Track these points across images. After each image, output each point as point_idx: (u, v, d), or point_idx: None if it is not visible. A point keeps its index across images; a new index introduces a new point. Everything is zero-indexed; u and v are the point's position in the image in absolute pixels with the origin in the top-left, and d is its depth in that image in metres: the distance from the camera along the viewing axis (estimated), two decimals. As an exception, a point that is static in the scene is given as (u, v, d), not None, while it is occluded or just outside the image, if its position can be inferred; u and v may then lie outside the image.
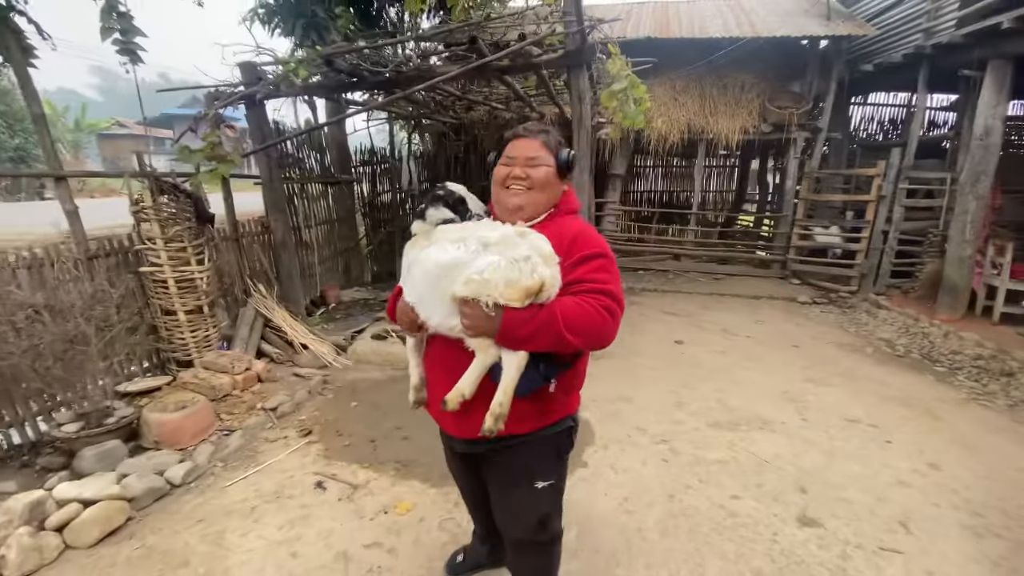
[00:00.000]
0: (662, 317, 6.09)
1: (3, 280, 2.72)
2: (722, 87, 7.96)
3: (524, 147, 1.42)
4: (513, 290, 1.16)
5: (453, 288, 1.21)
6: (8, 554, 2.01)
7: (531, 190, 1.40)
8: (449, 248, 1.27)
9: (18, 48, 2.93)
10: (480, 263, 1.20)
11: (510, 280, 1.17)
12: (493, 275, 1.17)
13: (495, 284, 1.17)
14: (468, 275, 1.20)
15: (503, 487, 1.58)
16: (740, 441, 3.22)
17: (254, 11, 5.37)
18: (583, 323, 1.19)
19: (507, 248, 1.21)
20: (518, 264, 1.18)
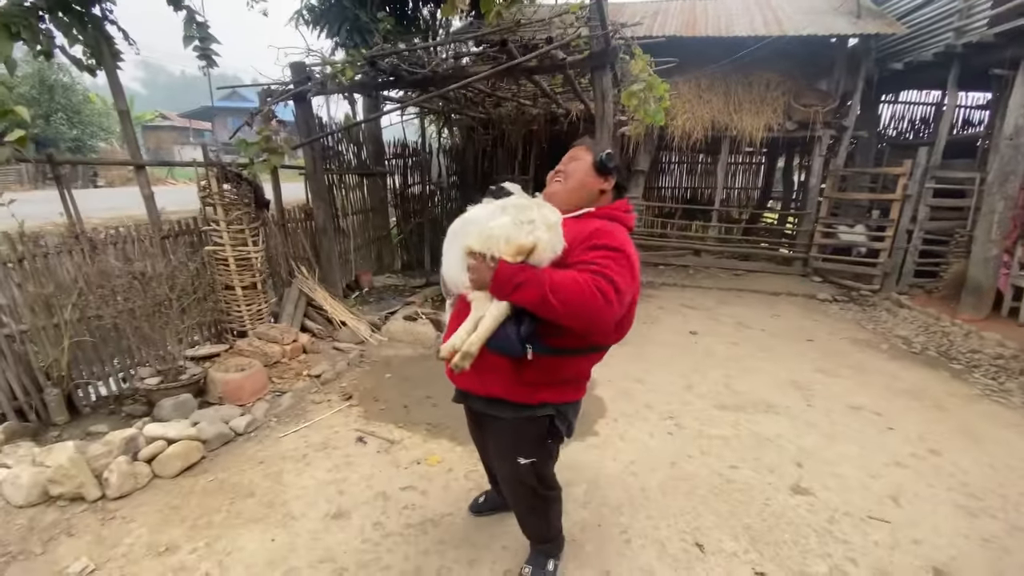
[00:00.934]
0: (679, 310, 6.29)
1: (100, 252, 3.18)
2: (747, 84, 8.04)
3: (572, 152, 1.66)
4: (510, 245, 1.32)
5: (467, 240, 1.40)
6: (110, 477, 2.43)
7: (563, 182, 1.61)
8: (472, 208, 1.49)
9: (109, 52, 3.37)
10: (492, 222, 1.38)
11: (510, 237, 1.33)
12: (500, 231, 1.34)
13: (498, 240, 1.33)
14: (480, 229, 1.38)
15: (495, 455, 1.84)
16: (744, 421, 3.45)
17: (299, 13, 5.78)
18: (569, 292, 1.26)
19: (519, 212, 1.39)
20: (522, 226, 1.35)
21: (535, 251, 1.32)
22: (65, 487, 2.36)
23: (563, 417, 1.68)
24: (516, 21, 3.85)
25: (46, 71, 17.30)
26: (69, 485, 2.36)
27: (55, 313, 3.02)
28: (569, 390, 1.68)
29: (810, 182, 8.16)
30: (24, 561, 2.07)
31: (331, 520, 2.36)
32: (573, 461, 2.90)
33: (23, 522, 2.26)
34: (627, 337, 1.66)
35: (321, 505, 2.47)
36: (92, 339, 3.20)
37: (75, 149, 18.86)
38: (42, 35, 2.87)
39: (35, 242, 2.99)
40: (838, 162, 7.83)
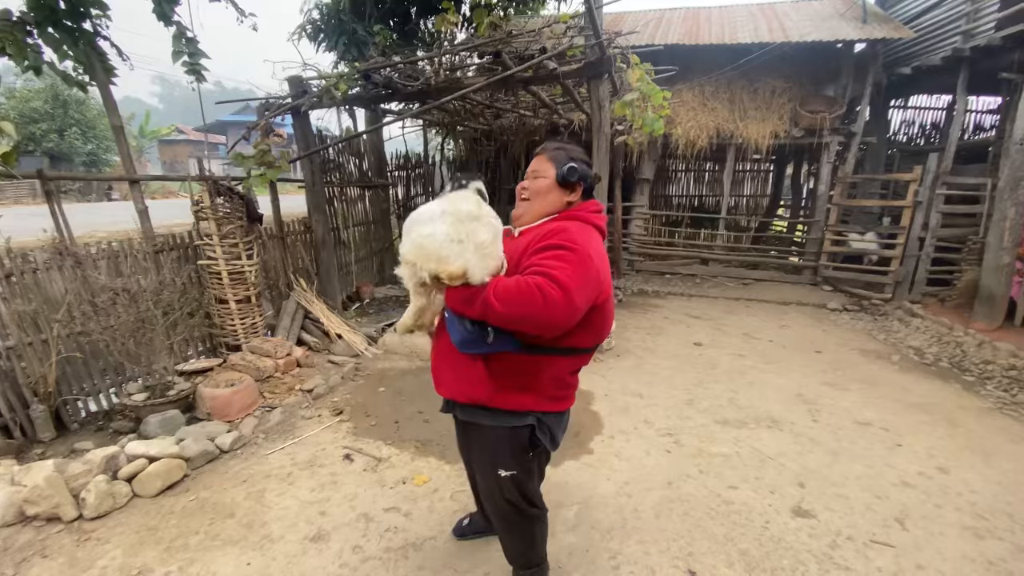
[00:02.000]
0: (684, 320, 6.17)
1: (86, 267, 3.18)
2: (752, 92, 7.95)
3: (535, 163, 1.61)
4: (443, 267, 1.25)
5: (404, 243, 1.34)
6: (88, 497, 2.39)
7: (529, 201, 1.59)
8: (424, 206, 1.38)
9: (102, 68, 3.39)
10: (427, 229, 1.28)
11: (441, 257, 1.26)
12: (431, 247, 1.26)
13: (428, 256, 1.27)
14: (415, 236, 1.30)
15: (477, 467, 1.80)
16: (746, 438, 3.33)
17: (302, 28, 5.83)
18: (510, 293, 1.25)
19: (454, 224, 1.29)
20: (452, 245, 1.26)
21: (464, 276, 1.27)
22: (41, 507, 2.32)
23: (545, 428, 1.63)
24: (508, 32, 3.81)
25: (60, 86, 17.74)
26: (45, 505, 2.32)
27: (43, 329, 3.01)
28: (552, 399, 1.62)
29: (819, 189, 8.02)
30: (-8, 586, 2.03)
31: (309, 543, 2.29)
32: (565, 481, 2.80)
33: (-4, 544, 2.22)
34: (628, 348, 1.70)
35: (301, 527, 2.40)
36: (81, 355, 3.18)
37: (90, 163, 19.28)
38: (30, 50, 2.89)
39: (23, 258, 2.99)
40: (847, 169, 7.69)
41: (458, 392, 1.60)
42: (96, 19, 3.28)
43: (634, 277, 8.23)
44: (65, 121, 18.46)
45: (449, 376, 1.61)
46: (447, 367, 1.61)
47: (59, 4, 3.09)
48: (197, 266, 3.93)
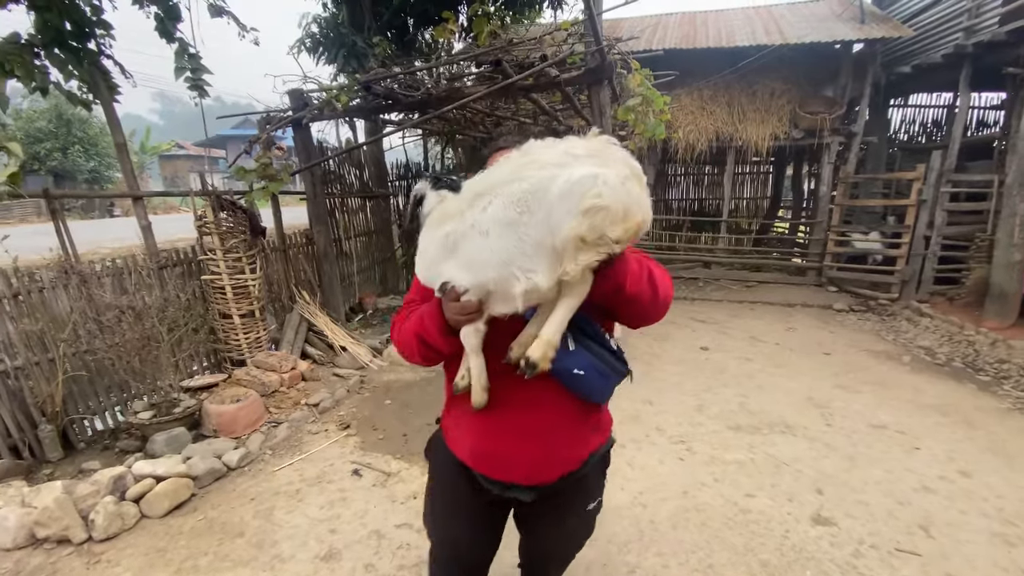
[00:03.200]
0: (689, 324, 6.13)
1: (91, 285, 3.16)
2: (751, 94, 7.96)
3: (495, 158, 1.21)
4: (629, 224, 0.84)
5: (566, 224, 0.84)
6: (96, 518, 2.35)
7: None
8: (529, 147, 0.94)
9: (106, 87, 3.40)
10: (582, 172, 0.83)
11: (626, 209, 0.83)
12: (611, 198, 0.82)
13: (615, 213, 0.83)
14: (584, 196, 0.82)
15: (553, 523, 1.37)
16: (759, 444, 3.28)
17: (301, 41, 5.86)
18: (658, 272, 1.06)
19: (608, 161, 0.87)
20: (627, 185, 0.84)
21: (644, 228, 0.89)
22: (51, 529, 2.28)
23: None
24: (509, 40, 3.81)
25: (63, 105, 17.88)
26: (55, 527, 2.29)
27: (49, 348, 2.99)
28: None
29: (820, 190, 8.00)
30: (-1, 614, 1.99)
31: (321, 562, 2.25)
32: (577, 492, 2.75)
33: (9, 566, 2.19)
34: (634, 354, 1.61)
35: (312, 545, 2.36)
36: (87, 373, 3.16)
37: (92, 180, 19.37)
38: (36, 71, 2.90)
39: (31, 277, 2.97)
40: (848, 169, 7.67)
41: (571, 458, 1.23)
42: (100, 38, 3.29)
43: (638, 282, 8.19)
44: (68, 139, 18.57)
45: (569, 442, 1.22)
46: (564, 434, 1.21)
47: (65, 25, 3.10)
48: (201, 281, 3.91)
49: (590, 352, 1.11)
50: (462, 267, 1.00)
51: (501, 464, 1.22)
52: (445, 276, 1.03)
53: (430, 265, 1.09)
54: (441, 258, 1.05)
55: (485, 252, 0.94)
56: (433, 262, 1.07)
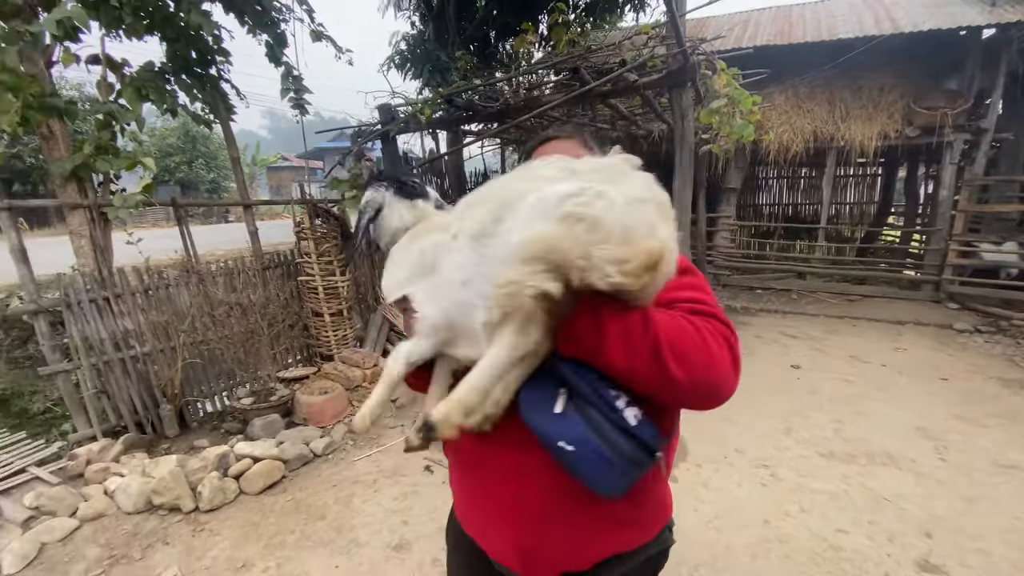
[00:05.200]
0: (779, 339, 5.70)
1: (207, 284, 3.58)
2: (855, 90, 7.28)
3: (559, 150, 1.06)
4: (630, 250, 0.63)
5: (527, 227, 0.65)
6: (203, 491, 2.65)
7: None
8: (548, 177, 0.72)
9: (223, 107, 3.84)
10: (568, 187, 0.66)
11: (628, 230, 0.63)
12: (607, 212, 0.63)
13: (608, 232, 0.63)
14: (560, 199, 0.65)
15: None
16: (856, 475, 2.98)
17: (390, 59, 6.25)
18: (686, 342, 0.73)
19: (612, 178, 0.69)
20: (637, 207, 0.66)
21: (660, 265, 0.66)
22: (165, 498, 2.60)
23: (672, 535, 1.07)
24: (587, 47, 3.80)
25: (189, 124, 20.37)
26: (169, 496, 2.60)
27: (172, 337, 3.42)
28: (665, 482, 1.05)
29: (940, 194, 7.12)
30: (126, 565, 2.30)
31: (392, 551, 2.36)
32: (647, 508, 2.66)
33: (129, 528, 2.52)
34: None
35: (384, 534, 2.48)
36: (201, 361, 3.57)
37: (212, 190, 21.86)
38: (167, 95, 3.35)
39: (159, 275, 3.42)
40: (976, 170, 6.75)
41: (604, 549, 0.92)
42: (220, 65, 3.73)
43: (720, 292, 7.77)
44: (193, 154, 21.15)
45: (574, 538, 0.91)
46: (562, 527, 0.90)
47: (191, 54, 3.55)
48: (297, 282, 4.27)
49: (587, 423, 0.76)
50: (428, 290, 0.84)
51: (482, 536, 1.00)
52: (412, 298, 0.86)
53: (397, 286, 0.91)
54: (412, 278, 0.87)
55: (447, 270, 0.79)
56: (400, 283, 0.89)
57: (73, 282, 3.09)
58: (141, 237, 3.28)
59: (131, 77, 3.23)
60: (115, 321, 3.21)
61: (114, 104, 3.15)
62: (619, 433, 0.77)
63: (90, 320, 3.12)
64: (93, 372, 3.15)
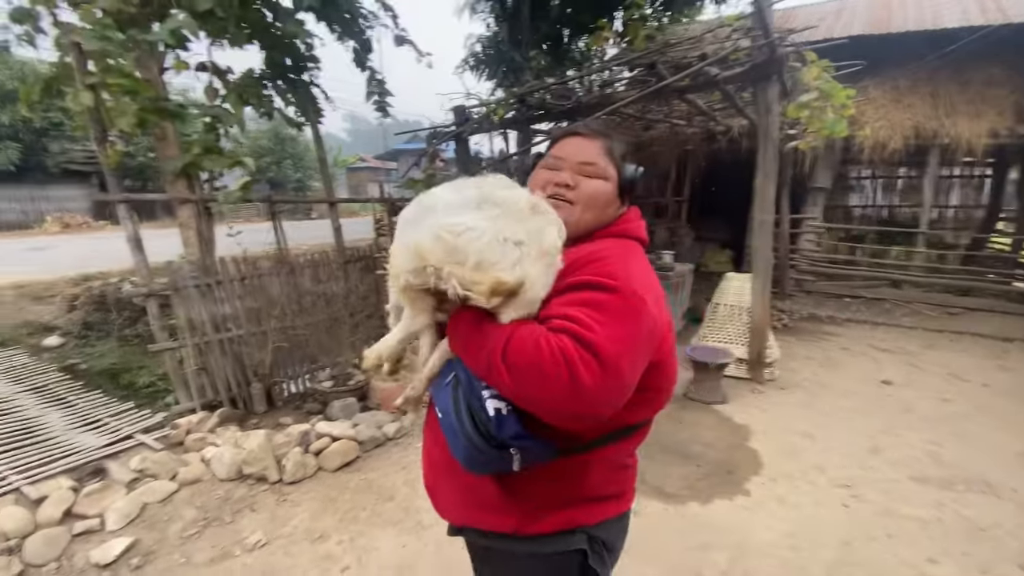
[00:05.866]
0: (868, 352, 5.27)
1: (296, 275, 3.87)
2: (962, 83, 6.57)
3: (579, 148, 1.07)
4: (481, 277, 0.80)
5: (415, 235, 0.85)
6: (287, 464, 2.87)
7: (575, 205, 1.03)
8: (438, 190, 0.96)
9: (313, 110, 4.12)
10: (459, 219, 0.84)
11: (484, 260, 0.81)
12: (470, 242, 0.81)
13: (465, 255, 0.81)
14: (440, 226, 0.83)
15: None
16: (950, 502, 2.71)
17: (465, 60, 6.42)
18: (523, 356, 0.79)
19: (505, 217, 0.86)
20: (505, 244, 0.82)
21: (518, 294, 0.82)
22: (254, 468, 2.84)
23: (599, 547, 1.05)
24: (666, 42, 3.71)
25: (280, 126, 21.95)
26: (257, 467, 2.84)
27: (263, 322, 3.72)
28: (605, 500, 1.06)
29: (1066, 198, 6.27)
30: (217, 527, 2.54)
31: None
32: (714, 520, 2.57)
33: (221, 493, 2.78)
34: (796, 381, 1.31)
35: (449, 520, 2.57)
36: (287, 345, 3.86)
37: (298, 188, 23.44)
38: (265, 100, 3.64)
39: (255, 265, 3.73)
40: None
41: (467, 518, 1.07)
42: (311, 71, 4.01)
43: (803, 299, 7.28)
44: (282, 155, 22.80)
45: (450, 496, 1.09)
46: (445, 482, 1.09)
47: (286, 61, 3.85)
48: (376, 276, 4.50)
49: (453, 400, 0.91)
50: None
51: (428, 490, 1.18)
52: None
53: None
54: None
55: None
56: None
57: (181, 269, 3.44)
58: (240, 230, 3.59)
59: (234, 83, 3.55)
60: (215, 305, 3.54)
61: (219, 108, 3.47)
62: (468, 416, 0.87)
63: (194, 304, 3.47)
64: (195, 351, 3.49)
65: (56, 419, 3.58)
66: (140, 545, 2.40)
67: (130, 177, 16.34)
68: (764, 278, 4.22)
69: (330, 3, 3.78)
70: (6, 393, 3.95)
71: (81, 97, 2.92)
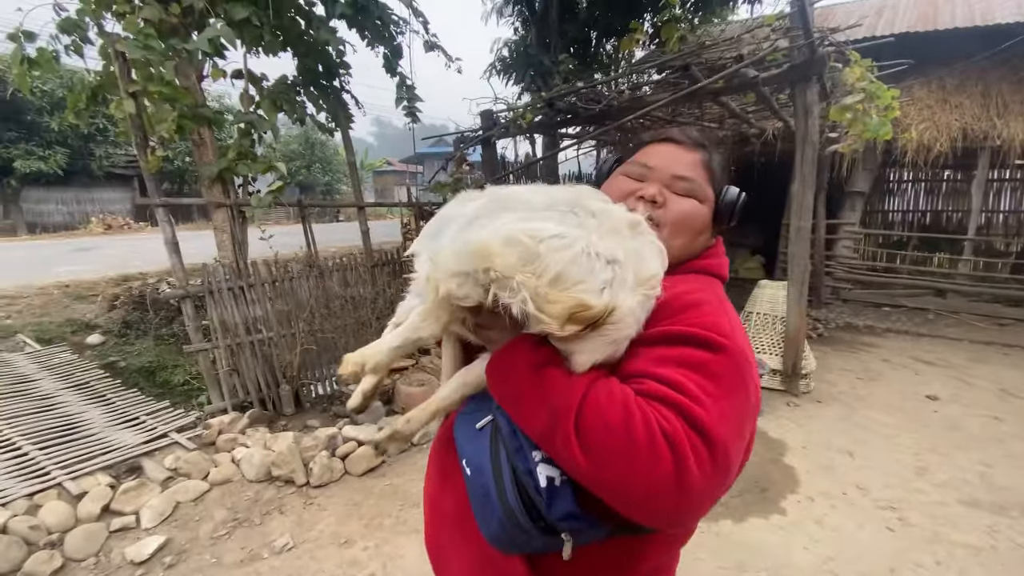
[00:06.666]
0: (912, 365, 5.03)
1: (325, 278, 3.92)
2: (1016, 82, 6.23)
3: (673, 158, 0.89)
4: (558, 295, 0.61)
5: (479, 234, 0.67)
6: (314, 468, 2.89)
7: (660, 228, 0.82)
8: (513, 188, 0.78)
9: (344, 116, 4.18)
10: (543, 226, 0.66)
11: (566, 276, 0.62)
12: (552, 253, 0.63)
13: (543, 266, 0.62)
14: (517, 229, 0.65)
15: None
16: (1005, 528, 2.54)
17: (492, 65, 6.42)
18: (608, 429, 0.59)
19: (600, 231, 0.68)
20: (595, 261, 0.64)
21: (605, 324, 0.63)
22: (282, 470, 2.87)
23: None
24: (700, 43, 3.62)
25: (311, 131, 22.44)
26: (285, 469, 2.87)
27: (292, 325, 3.77)
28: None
29: None
30: (247, 528, 2.57)
31: (482, 548, 2.40)
32: (749, 540, 2.47)
33: (250, 495, 2.81)
34: (833, 394, 1.25)
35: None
36: (316, 348, 3.91)
37: (327, 192, 23.93)
38: (298, 105, 3.71)
39: (285, 268, 3.79)
40: None
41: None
42: (342, 77, 4.06)
43: (840, 308, 7.02)
44: (312, 159, 23.32)
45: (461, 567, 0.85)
46: (456, 546, 0.85)
47: (318, 68, 3.91)
48: (403, 279, 4.53)
49: (491, 455, 0.71)
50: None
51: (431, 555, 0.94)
52: None
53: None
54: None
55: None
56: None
57: (215, 271, 3.52)
58: (272, 234, 3.66)
59: (268, 90, 3.63)
60: (247, 308, 3.61)
61: (254, 115, 3.55)
62: (512, 483, 0.67)
63: (227, 306, 3.54)
64: (227, 352, 3.56)
65: (96, 416, 3.69)
66: (172, 544, 2.45)
67: (168, 181, 16.96)
68: (800, 286, 4.07)
69: (362, 10, 3.82)
70: (51, 390, 4.11)
71: (124, 105, 3.02)
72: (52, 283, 6.35)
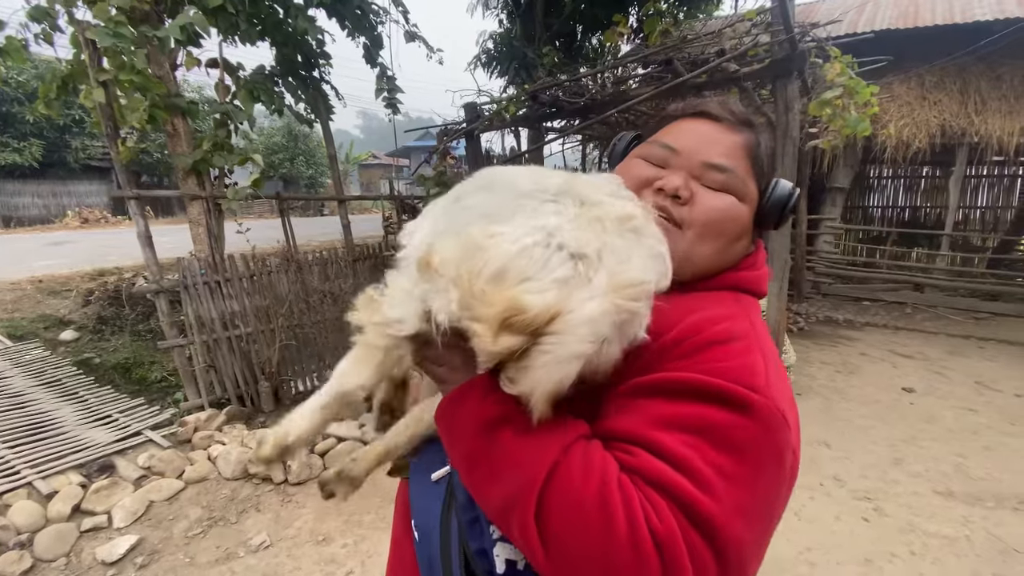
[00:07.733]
0: (888, 358, 5.11)
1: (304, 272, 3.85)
2: (994, 79, 6.33)
3: (707, 139, 0.68)
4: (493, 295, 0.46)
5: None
6: (292, 465, 2.84)
7: (685, 230, 0.65)
8: (523, 171, 0.63)
9: (324, 107, 4.10)
10: (508, 211, 0.54)
11: (509, 271, 0.48)
12: (500, 245, 0.49)
13: (484, 262, 0.48)
14: (479, 229, 0.51)
15: None
16: (979, 519, 2.59)
17: (477, 58, 6.36)
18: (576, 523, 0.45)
19: (578, 220, 0.52)
20: (554, 253, 0.49)
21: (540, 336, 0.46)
22: (259, 468, 2.82)
23: None
24: (682, 38, 3.61)
25: (293, 123, 22.08)
26: (262, 467, 2.82)
27: (271, 320, 3.71)
28: None
29: (1104, 199, 6.03)
30: (222, 527, 2.52)
31: (462, 544, 2.39)
32: (728, 530, 2.48)
33: (227, 493, 2.76)
34: (811, 386, 1.19)
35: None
36: (295, 343, 3.85)
37: (310, 185, 23.61)
38: (276, 96, 3.63)
39: (263, 262, 3.72)
40: None
41: None
42: (322, 67, 3.99)
43: (820, 302, 7.12)
44: (295, 151, 22.95)
45: None
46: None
47: (297, 58, 3.83)
48: (386, 273, 4.48)
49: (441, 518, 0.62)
50: None
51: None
52: None
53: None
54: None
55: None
56: None
57: (190, 266, 3.44)
58: (249, 227, 3.58)
59: (245, 80, 3.54)
60: (224, 303, 3.54)
61: (230, 105, 3.46)
62: (461, 565, 0.56)
63: (203, 301, 3.47)
64: (204, 348, 3.49)
65: (68, 413, 3.60)
66: (145, 544, 2.39)
67: (147, 173, 16.58)
68: (780, 280, 4.10)
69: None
70: (22, 387, 4.00)
71: (95, 94, 2.93)
72: (25, 278, 6.18)
